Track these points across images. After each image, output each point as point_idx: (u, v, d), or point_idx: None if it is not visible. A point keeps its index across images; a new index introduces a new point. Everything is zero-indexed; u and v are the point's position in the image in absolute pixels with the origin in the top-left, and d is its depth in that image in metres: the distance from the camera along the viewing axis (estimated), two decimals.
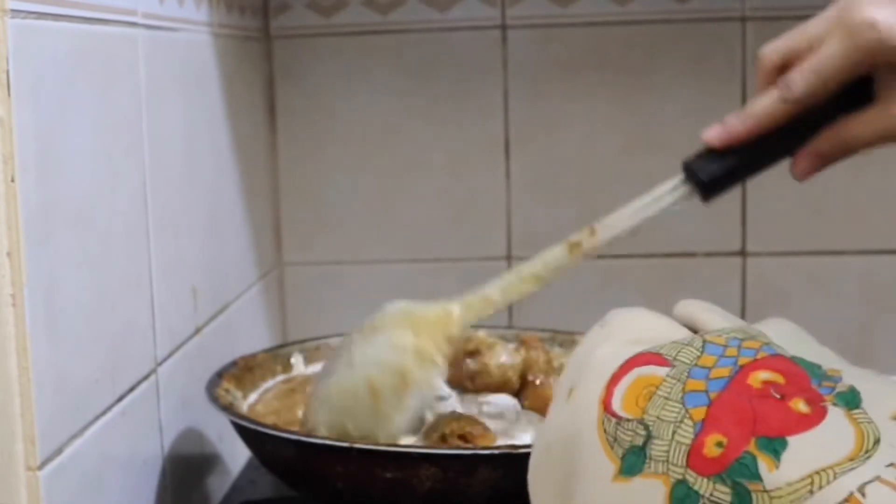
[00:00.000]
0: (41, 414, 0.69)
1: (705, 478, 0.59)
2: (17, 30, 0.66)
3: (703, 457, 0.60)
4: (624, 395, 0.64)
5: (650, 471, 0.61)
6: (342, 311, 1.35)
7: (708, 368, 0.64)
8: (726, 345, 0.66)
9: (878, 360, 1.30)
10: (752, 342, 0.66)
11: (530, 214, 1.34)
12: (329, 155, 1.34)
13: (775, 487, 0.57)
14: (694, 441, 0.61)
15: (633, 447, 0.62)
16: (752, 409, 0.61)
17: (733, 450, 0.59)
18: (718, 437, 0.60)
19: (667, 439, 0.61)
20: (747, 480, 0.58)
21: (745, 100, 1.30)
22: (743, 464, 0.59)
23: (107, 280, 0.80)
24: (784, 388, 0.62)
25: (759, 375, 0.63)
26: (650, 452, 0.62)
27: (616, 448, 0.63)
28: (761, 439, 0.59)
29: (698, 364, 0.64)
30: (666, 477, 0.60)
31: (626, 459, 0.62)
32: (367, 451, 0.82)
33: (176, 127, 0.97)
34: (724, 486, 0.59)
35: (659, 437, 0.62)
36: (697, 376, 0.63)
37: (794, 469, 0.58)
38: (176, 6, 0.98)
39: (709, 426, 0.61)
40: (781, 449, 0.59)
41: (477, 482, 0.81)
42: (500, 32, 1.31)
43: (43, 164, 0.70)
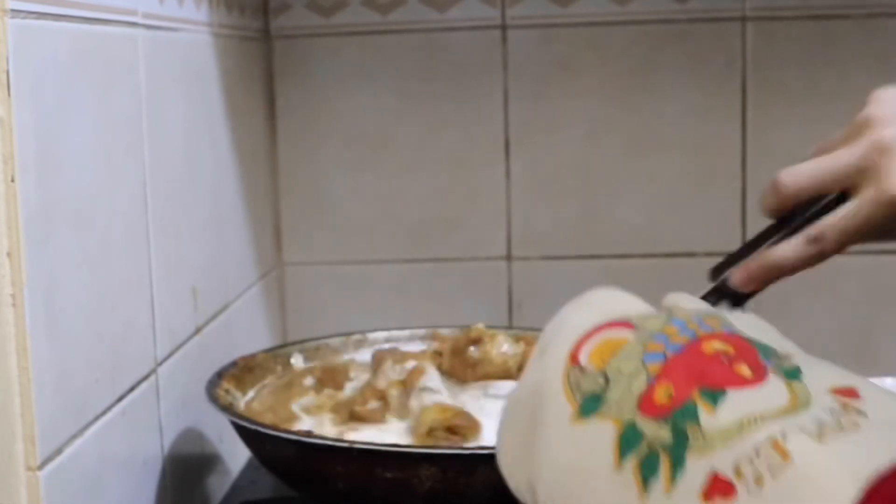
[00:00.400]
0: (41, 414, 0.69)
1: (652, 420, 0.65)
2: (17, 30, 0.66)
3: (652, 403, 0.66)
4: (591, 352, 0.71)
5: (604, 414, 0.67)
6: (342, 311, 1.35)
7: (669, 336, 0.70)
8: (689, 319, 0.72)
9: (879, 360, 1.30)
10: (712, 320, 0.72)
11: (530, 214, 1.34)
12: (329, 155, 1.34)
13: (709, 429, 0.63)
14: (646, 390, 0.67)
15: (591, 393, 0.69)
16: (701, 366, 0.67)
17: (679, 397, 0.65)
18: (668, 386, 0.66)
19: (623, 388, 0.68)
20: (687, 423, 0.64)
21: (745, 100, 1.30)
22: (686, 409, 0.65)
23: (107, 280, 0.80)
24: (733, 357, 0.68)
25: (713, 344, 0.69)
26: (606, 399, 0.68)
27: (576, 394, 0.69)
28: (704, 389, 0.65)
29: (662, 332, 0.71)
30: (617, 419, 0.67)
31: (584, 404, 0.69)
32: (367, 450, 0.82)
33: (176, 127, 0.97)
34: (666, 428, 0.65)
35: (616, 386, 0.68)
36: (658, 340, 0.70)
37: (728, 415, 0.63)
38: (176, 6, 0.98)
39: (661, 378, 0.67)
40: (720, 398, 0.64)
41: (477, 482, 0.81)
42: (500, 32, 1.31)
43: (43, 164, 0.70)
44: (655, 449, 0.65)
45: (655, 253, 1.32)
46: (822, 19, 1.28)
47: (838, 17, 1.28)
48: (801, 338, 1.42)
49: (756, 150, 1.31)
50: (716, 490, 0.61)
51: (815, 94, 1.29)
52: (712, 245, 1.33)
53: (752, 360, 0.68)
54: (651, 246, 1.32)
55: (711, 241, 1.32)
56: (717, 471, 0.62)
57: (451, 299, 1.34)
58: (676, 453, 0.64)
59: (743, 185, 1.31)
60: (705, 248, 1.33)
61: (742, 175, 1.31)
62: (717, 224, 1.32)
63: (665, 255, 1.32)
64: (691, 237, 1.32)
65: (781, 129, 1.30)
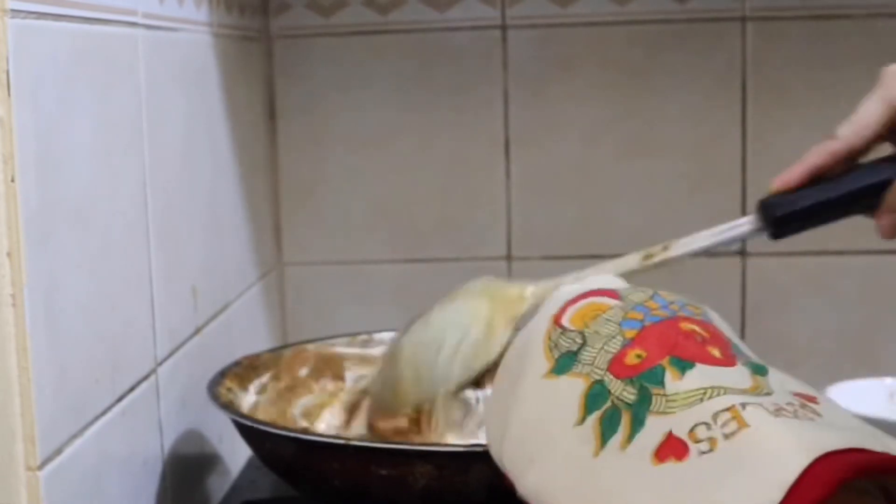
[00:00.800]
0: (41, 414, 0.69)
1: (619, 380, 0.68)
2: (17, 30, 0.66)
3: (622, 364, 0.69)
4: (574, 314, 0.74)
5: (576, 371, 0.70)
6: (342, 311, 1.35)
7: (650, 308, 0.73)
8: (673, 301, 0.74)
9: (878, 360, 1.30)
10: (695, 308, 0.75)
11: (530, 214, 1.34)
12: (329, 155, 1.34)
13: (673, 392, 0.65)
14: (618, 352, 0.69)
15: (568, 352, 0.71)
16: (675, 338, 0.69)
17: (649, 361, 0.68)
18: (640, 350, 0.69)
19: (597, 348, 0.70)
20: (652, 385, 0.66)
21: (745, 100, 1.30)
22: (653, 372, 0.67)
23: (107, 280, 0.80)
24: (706, 339, 0.70)
25: (690, 325, 0.71)
26: (580, 357, 0.70)
27: (554, 352, 0.72)
28: (674, 358, 0.68)
29: (644, 304, 0.73)
30: (587, 377, 0.69)
31: (559, 361, 0.71)
32: (362, 447, 0.82)
33: (176, 127, 0.97)
34: (632, 388, 0.67)
35: (591, 346, 0.71)
36: (639, 310, 0.73)
37: (693, 382, 0.66)
38: (176, 6, 0.98)
39: (635, 343, 0.70)
40: (689, 368, 0.67)
41: (472, 480, 0.81)
42: (500, 32, 1.31)
43: (43, 164, 0.70)
44: (619, 407, 0.67)
45: None
46: (822, 19, 1.28)
47: (838, 17, 1.28)
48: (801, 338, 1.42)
49: (756, 151, 1.31)
50: (668, 450, 0.63)
51: (815, 94, 1.29)
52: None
53: (723, 347, 0.70)
54: (651, 246, 1.32)
55: None
56: (673, 432, 0.64)
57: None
58: (638, 412, 0.66)
59: (743, 185, 1.31)
60: None
61: (742, 175, 1.31)
62: (716, 224, 1.32)
63: None
64: None
65: (781, 129, 1.30)
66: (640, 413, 0.65)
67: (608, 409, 0.67)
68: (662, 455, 0.63)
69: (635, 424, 0.65)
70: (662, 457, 0.63)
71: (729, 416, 0.62)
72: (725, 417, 0.62)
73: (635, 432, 0.65)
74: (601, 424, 0.67)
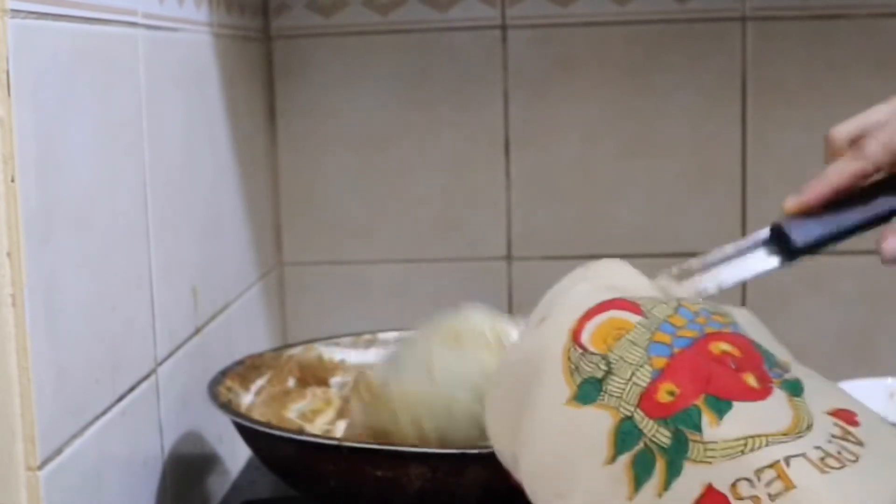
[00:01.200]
0: (41, 414, 0.69)
1: (652, 419, 0.64)
2: (17, 30, 0.66)
3: (654, 401, 0.65)
4: (594, 331, 0.70)
5: (602, 403, 0.66)
6: (342, 311, 1.35)
7: (677, 327, 0.69)
8: (698, 312, 0.71)
9: (879, 360, 1.30)
10: (721, 317, 0.71)
11: (530, 214, 1.33)
12: (329, 155, 1.34)
13: (711, 441, 0.62)
14: (649, 385, 0.66)
15: (591, 378, 0.68)
16: (708, 370, 0.66)
17: (683, 400, 0.64)
18: (672, 386, 0.65)
19: (625, 378, 0.66)
20: (688, 430, 0.63)
21: (745, 100, 1.30)
22: (688, 414, 0.64)
23: (107, 280, 0.80)
24: (740, 362, 0.67)
25: (721, 345, 0.68)
26: (606, 387, 0.67)
27: (576, 376, 0.68)
28: (710, 397, 0.64)
29: (669, 321, 0.69)
30: (615, 411, 0.66)
31: (583, 388, 0.67)
32: (356, 449, 0.82)
33: (176, 127, 0.97)
34: (666, 430, 0.64)
35: (618, 374, 0.67)
36: (666, 331, 0.69)
37: (733, 429, 0.63)
38: (176, 6, 0.98)
39: (666, 375, 0.66)
40: (726, 409, 0.63)
41: (467, 481, 0.81)
42: (500, 32, 1.31)
43: (43, 164, 0.70)
44: (652, 449, 0.64)
45: (655, 253, 1.32)
46: (822, 19, 1.28)
47: (838, 17, 1.28)
48: (801, 338, 1.42)
49: (756, 151, 1.31)
50: (710, 503, 0.61)
51: (815, 94, 1.29)
52: (712, 245, 1.32)
53: (757, 367, 0.67)
54: (651, 246, 1.32)
55: (711, 241, 1.31)
56: (713, 484, 0.61)
57: (451, 299, 1.33)
58: (674, 458, 0.63)
59: (743, 185, 1.31)
60: (705, 248, 1.32)
61: (742, 175, 1.31)
62: (717, 224, 1.32)
63: (665, 255, 1.32)
64: (691, 237, 1.32)
65: (781, 129, 1.30)
66: (676, 459, 0.63)
67: (640, 450, 0.64)
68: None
69: (671, 471, 0.63)
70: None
71: (774, 475, 0.60)
72: (770, 475, 0.60)
73: (671, 479, 0.62)
74: (634, 468, 0.64)
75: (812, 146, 1.30)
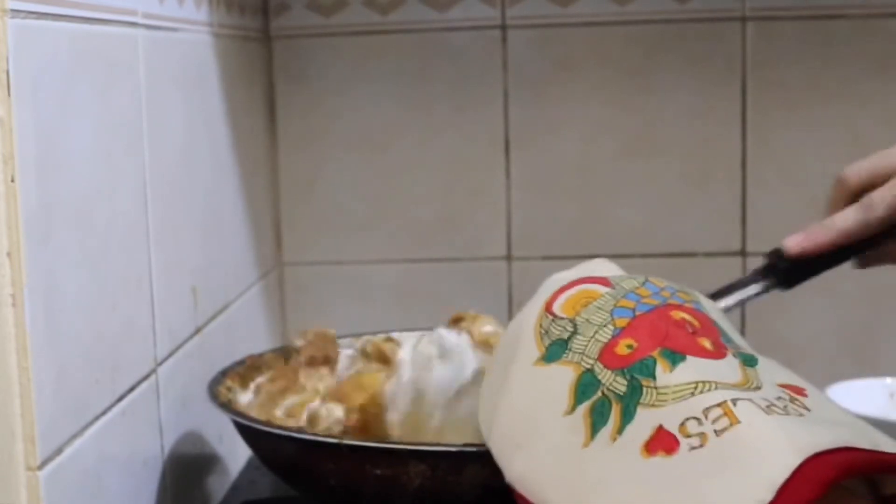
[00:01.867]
0: (41, 414, 0.69)
1: (610, 370, 0.68)
2: (17, 30, 0.66)
3: (613, 354, 0.68)
4: (565, 301, 0.74)
5: (566, 360, 0.70)
6: (342, 311, 1.35)
7: (642, 296, 0.73)
8: (664, 288, 0.75)
9: (878, 360, 1.30)
10: (685, 294, 0.75)
11: (530, 214, 1.34)
12: (329, 155, 1.34)
13: (664, 385, 0.65)
14: (609, 341, 0.69)
15: (558, 339, 0.71)
16: (666, 329, 0.69)
17: (640, 352, 0.68)
18: (631, 341, 0.69)
19: (588, 337, 0.70)
20: (643, 377, 0.66)
21: (745, 100, 1.30)
22: (644, 364, 0.67)
23: (107, 280, 0.80)
24: (697, 329, 0.70)
25: (681, 314, 0.71)
26: (571, 345, 0.70)
27: (545, 339, 0.72)
28: (665, 350, 0.67)
29: (635, 291, 0.74)
30: (577, 365, 0.69)
31: (550, 349, 0.71)
32: (356, 447, 0.83)
33: (176, 127, 0.97)
34: (622, 379, 0.67)
35: (582, 334, 0.71)
36: (631, 298, 0.73)
37: (684, 375, 0.66)
38: (176, 6, 0.98)
39: (626, 333, 0.70)
40: (680, 361, 0.67)
41: (466, 480, 0.81)
42: (500, 32, 1.31)
43: (43, 164, 0.70)
44: (609, 398, 0.67)
45: (655, 253, 1.32)
46: (822, 19, 1.28)
47: (838, 17, 1.28)
48: (801, 338, 1.42)
49: (756, 151, 1.31)
50: (659, 443, 0.63)
51: (815, 94, 1.29)
52: (712, 245, 1.33)
53: (714, 337, 0.70)
54: (651, 246, 1.32)
55: (711, 241, 1.33)
56: (663, 425, 0.63)
57: (451, 299, 1.34)
58: (628, 404, 0.66)
59: (743, 185, 1.31)
60: (705, 248, 1.33)
61: (742, 175, 1.31)
62: (717, 224, 1.32)
63: (665, 255, 1.32)
64: (691, 237, 1.32)
65: (781, 129, 1.30)
66: (630, 405, 0.65)
67: (598, 399, 0.67)
68: (652, 448, 0.63)
69: (625, 416, 0.65)
70: (652, 450, 0.63)
71: (720, 412, 0.62)
72: (716, 413, 0.62)
73: (625, 424, 0.65)
74: (591, 415, 0.67)
75: (812, 146, 1.31)
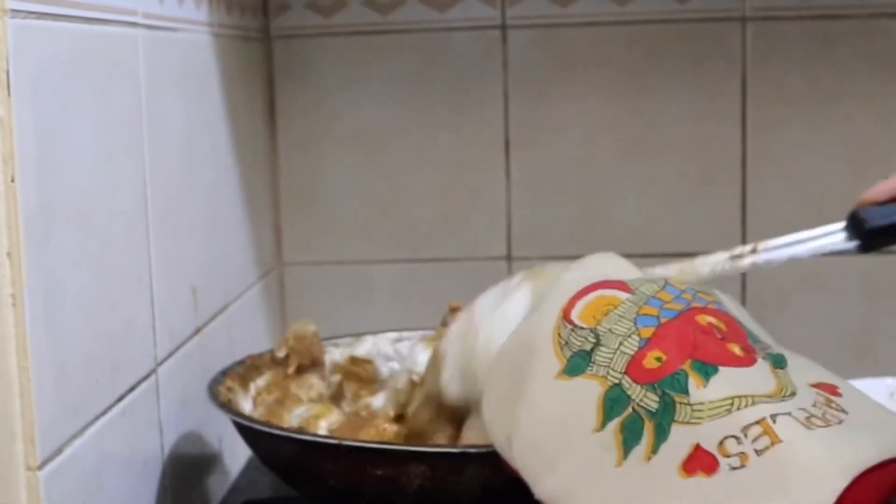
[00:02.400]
0: (41, 414, 0.69)
1: (639, 385, 0.65)
2: (17, 30, 0.66)
3: (641, 367, 0.66)
4: (584, 309, 0.71)
5: (591, 373, 0.67)
6: (342, 311, 1.35)
7: (664, 301, 0.71)
8: (685, 290, 0.73)
9: (878, 360, 1.30)
10: (706, 295, 0.73)
11: (530, 214, 1.33)
12: (329, 155, 1.34)
13: (698, 402, 0.63)
14: (636, 353, 0.67)
15: (580, 351, 0.69)
16: (695, 338, 0.67)
17: (670, 366, 0.65)
18: (659, 353, 0.66)
19: (612, 348, 0.68)
20: (675, 393, 0.64)
21: (745, 100, 1.30)
22: (676, 378, 0.65)
23: (107, 280, 0.80)
24: (725, 334, 0.68)
25: (707, 318, 0.69)
26: (595, 358, 0.68)
27: (565, 350, 0.69)
28: (696, 362, 0.65)
29: (656, 297, 0.71)
30: (604, 379, 0.67)
31: (572, 361, 0.69)
32: (356, 448, 0.83)
33: (176, 127, 0.97)
34: (653, 395, 0.65)
35: (606, 346, 0.68)
36: (653, 304, 0.70)
37: (719, 390, 0.64)
38: (176, 6, 0.98)
39: (653, 343, 0.67)
40: (712, 373, 0.65)
41: (466, 480, 0.81)
42: (500, 32, 1.31)
43: (43, 164, 0.70)
44: (640, 414, 0.65)
45: (655, 253, 1.31)
46: (822, 19, 1.28)
47: (838, 17, 1.28)
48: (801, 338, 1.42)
49: (756, 151, 1.31)
50: (697, 463, 0.62)
51: (815, 94, 1.29)
52: (712, 245, 1.32)
53: (741, 340, 0.69)
54: (651, 246, 1.32)
55: (711, 241, 1.32)
56: (701, 444, 0.62)
57: (451, 299, 1.34)
58: (661, 421, 0.64)
59: (743, 185, 1.31)
60: (705, 248, 1.32)
61: (742, 175, 1.31)
62: (717, 224, 1.32)
63: (665, 255, 1.32)
64: (691, 237, 1.32)
65: (781, 129, 1.30)
66: (663, 423, 0.63)
67: (629, 416, 0.65)
68: (690, 468, 0.61)
69: (659, 434, 0.63)
70: (690, 470, 0.61)
71: (760, 430, 0.61)
72: (756, 431, 0.61)
73: (660, 443, 0.63)
74: (622, 433, 0.65)
75: (812, 146, 1.31)
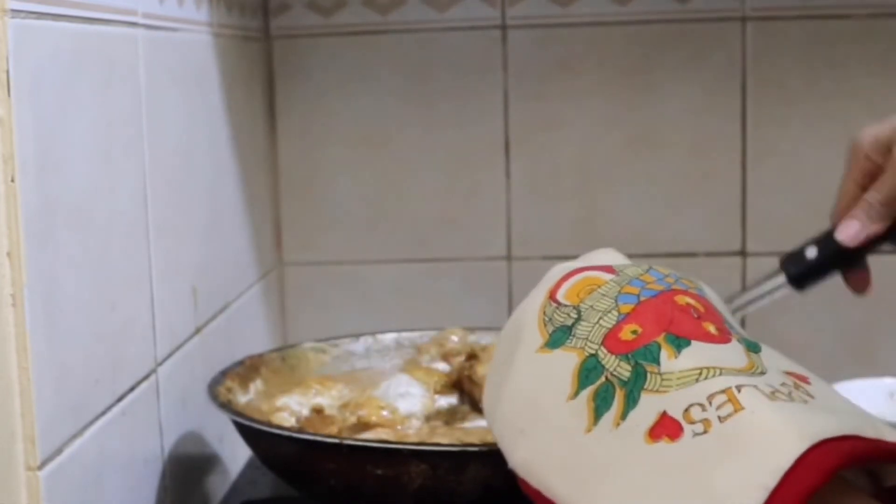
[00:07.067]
0: (41, 414, 0.69)
1: (614, 355, 0.67)
2: (17, 30, 0.66)
3: (617, 339, 0.68)
4: (569, 289, 0.74)
5: (570, 345, 0.70)
6: (342, 311, 1.35)
7: (646, 282, 0.73)
8: (668, 275, 0.74)
9: (878, 360, 1.30)
10: (689, 281, 0.74)
11: (530, 214, 1.34)
12: (329, 155, 1.34)
13: (668, 371, 0.65)
14: (614, 326, 0.69)
15: (562, 326, 0.71)
16: (672, 314, 0.69)
17: (644, 338, 0.67)
18: (635, 326, 0.68)
19: (592, 322, 0.70)
20: (647, 363, 0.66)
21: (744, 100, 1.30)
22: (648, 349, 0.67)
23: (107, 280, 0.80)
24: (702, 314, 0.70)
25: (686, 299, 0.71)
26: (575, 331, 0.70)
27: (549, 326, 0.72)
28: (670, 335, 0.67)
29: (639, 278, 0.73)
30: (581, 351, 0.69)
31: (554, 335, 0.71)
32: (356, 447, 0.83)
33: (176, 127, 0.97)
34: (626, 364, 0.67)
35: (586, 320, 0.70)
36: (635, 285, 0.72)
37: (689, 361, 0.65)
38: (176, 6, 0.98)
39: (630, 318, 0.69)
40: (684, 346, 0.66)
41: (467, 479, 0.81)
42: (500, 32, 1.31)
43: (43, 164, 0.70)
44: (613, 383, 0.66)
45: (655, 253, 1.32)
46: (822, 19, 1.28)
47: (838, 17, 1.28)
48: (801, 338, 1.42)
49: (756, 150, 1.31)
50: (663, 429, 0.63)
51: (815, 93, 1.29)
52: (712, 245, 1.33)
53: (718, 323, 0.70)
54: (651, 246, 1.32)
55: (711, 241, 1.33)
56: (667, 411, 0.63)
57: (451, 299, 1.34)
58: (632, 389, 0.65)
59: (743, 185, 1.31)
60: (705, 248, 1.33)
61: (742, 175, 1.31)
62: (717, 224, 1.32)
63: (665, 255, 1.32)
64: (691, 237, 1.32)
65: (781, 128, 1.30)
66: (634, 391, 0.65)
67: (602, 384, 0.67)
68: (656, 434, 0.63)
69: (629, 402, 0.65)
70: (656, 436, 0.63)
71: (724, 398, 0.62)
72: (721, 399, 0.62)
73: (629, 410, 0.65)
74: (595, 400, 0.66)
75: (812, 146, 1.31)
